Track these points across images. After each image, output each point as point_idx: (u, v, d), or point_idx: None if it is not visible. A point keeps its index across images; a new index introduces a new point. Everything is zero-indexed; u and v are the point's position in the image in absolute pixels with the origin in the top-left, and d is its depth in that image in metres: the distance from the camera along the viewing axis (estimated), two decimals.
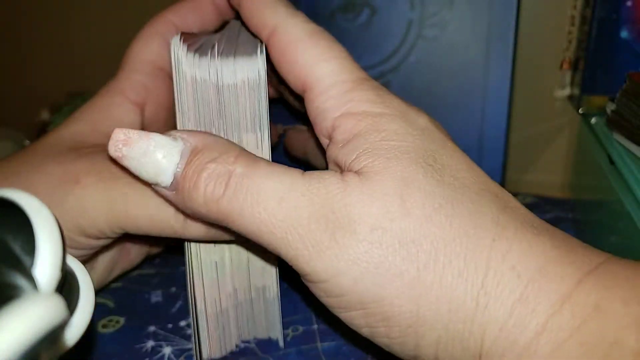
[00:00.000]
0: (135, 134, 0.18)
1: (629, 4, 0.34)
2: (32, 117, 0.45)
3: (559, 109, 0.41)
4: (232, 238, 0.21)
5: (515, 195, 0.19)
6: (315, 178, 0.17)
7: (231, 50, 0.21)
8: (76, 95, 0.45)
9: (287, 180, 0.17)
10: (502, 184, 0.33)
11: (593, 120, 0.35)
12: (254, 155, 0.18)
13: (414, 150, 0.17)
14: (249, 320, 0.24)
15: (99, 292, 0.28)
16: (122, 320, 0.27)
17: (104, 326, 0.27)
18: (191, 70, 0.20)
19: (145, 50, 0.25)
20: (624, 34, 0.34)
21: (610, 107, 0.32)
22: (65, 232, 0.18)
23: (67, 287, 0.14)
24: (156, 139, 0.18)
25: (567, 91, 0.40)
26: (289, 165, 0.18)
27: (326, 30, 0.20)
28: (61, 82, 0.50)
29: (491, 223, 0.16)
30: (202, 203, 0.18)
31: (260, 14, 0.20)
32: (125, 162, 0.18)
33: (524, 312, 0.15)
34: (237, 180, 0.17)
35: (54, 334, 0.10)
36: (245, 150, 0.19)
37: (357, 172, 0.17)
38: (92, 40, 0.49)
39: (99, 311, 0.27)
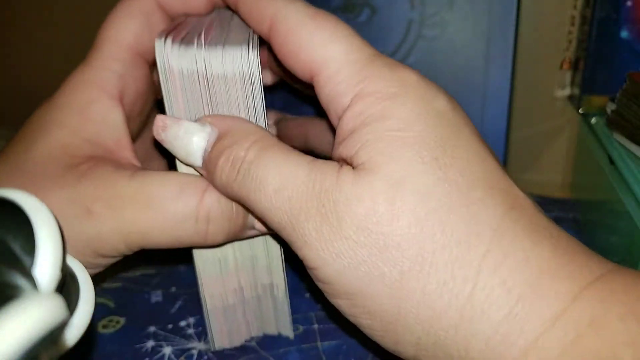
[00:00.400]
0: (170, 120, 0.19)
1: (629, 3, 0.34)
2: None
3: (559, 108, 0.41)
4: (252, 236, 0.22)
5: None
6: (316, 168, 0.17)
7: (221, 38, 0.20)
8: None
9: (288, 169, 0.17)
10: None
11: (593, 120, 0.35)
12: (273, 142, 0.18)
13: (419, 142, 0.16)
14: (258, 317, 0.24)
15: (99, 292, 0.28)
16: (122, 320, 0.27)
17: (104, 326, 0.27)
18: (177, 63, 0.19)
19: (123, 32, 0.22)
20: (624, 33, 0.34)
21: (611, 107, 0.32)
22: (80, 257, 0.18)
23: (67, 287, 0.14)
24: (186, 125, 0.19)
25: (567, 91, 0.40)
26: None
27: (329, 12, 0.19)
28: (60, 81, 0.50)
29: (489, 230, 0.15)
30: (221, 185, 0.19)
31: (257, 5, 0.19)
32: (165, 145, 0.20)
33: (511, 329, 0.14)
34: (246, 167, 0.18)
35: (54, 334, 0.10)
36: (266, 135, 0.19)
37: (354, 167, 0.17)
38: (91, 40, 0.49)
39: (99, 311, 0.27)
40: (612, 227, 0.29)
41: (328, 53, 0.18)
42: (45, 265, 0.12)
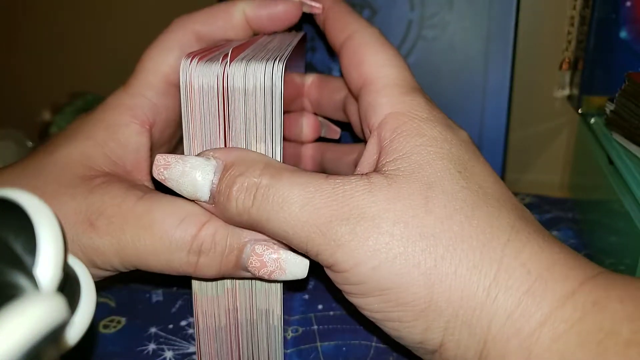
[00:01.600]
0: (172, 158, 0.20)
1: (628, 4, 0.34)
2: (34, 117, 0.45)
3: (559, 109, 0.41)
4: (244, 277, 0.21)
5: (514, 195, 0.20)
6: (340, 180, 0.19)
7: (248, 56, 0.20)
8: (77, 95, 0.45)
9: (311, 186, 0.19)
10: None
11: (592, 120, 0.35)
12: (281, 165, 0.20)
13: (447, 158, 0.19)
14: (250, 342, 0.23)
15: (99, 291, 0.28)
16: (123, 320, 0.27)
17: (105, 327, 0.27)
18: (199, 79, 0.19)
19: (160, 63, 0.24)
20: (623, 34, 0.34)
21: (610, 107, 0.32)
22: None
23: (68, 286, 0.14)
24: (191, 161, 0.20)
25: (566, 91, 0.40)
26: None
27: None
28: (62, 82, 0.50)
29: (507, 226, 0.18)
30: (236, 214, 0.19)
31: (345, 19, 0.24)
32: (168, 183, 0.20)
33: (530, 303, 0.16)
34: (263, 191, 0.19)
35: (55, 334, 0.10)
36: (272, 161, 0.20)
37: (384, 175, 0.19)
38: (93, 40, 0.49)
39: (100, 311, 0.28)
40: (610, 226, 0.29)
41: (383, 72, 0.21)
42: (47, 265, 0.12)
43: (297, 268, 0.20)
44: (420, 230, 0.18)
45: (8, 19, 0.50)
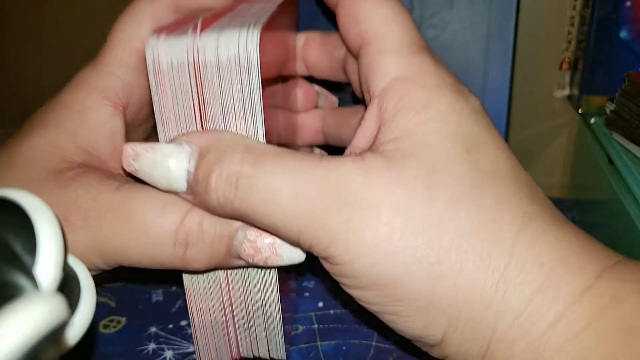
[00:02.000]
0: (141, 148, 0.18)
1: (628, 4, 0.34)
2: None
3: (559, 109, 0.41)
4: (238, 266, 0.20)
5: None
6: (332, 163, 0.17)
7: (221, 26, 0.18)
8: None
9: (300, 172, 0.17)
10: None
11: (592, 120, 0.35)
12: (263, 147, 0.18)
13: (454, 135, 0.17)
14: (248, 335, 0.22)
15: (99, 291, 0.28)
16: (123, 320, 0.27)
17: (105, 327, 0.27)
18: (167, 56, 0.17)
19: (132, 37, 0.21)
20: (623, 34, 0.34)
21: (610, 107, 0.32)
22: None
23: (68, 286, 0.14)
24: (162, 149, 0.18)
25: (566, 91, 0.40)
26: None
27: None
28: (63, 83, 0.50)
29: (520, 212, 0.16)
30: (218, 205, 0.17)
31: None
32: (140, 176, 0.18)
33: (542, 301, 0.15)
34: (245, 181, 0.17)
35: (55, 334, 0.10)
36: (253, 143, 0.18)
37: (381, 154, 0.17)
38: (91, 39, 0.49)
39: (100, 310, 0.28)
40: (611, 226, 0.29)
41: (385, 29, 0.19)
42: (47, 265, 0.12)
43: (294, 252, 0.19)
44: (424, 221, 0.16)
45: (4, 17, 0.50)
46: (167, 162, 0.18)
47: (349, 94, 0.28)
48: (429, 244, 0.16)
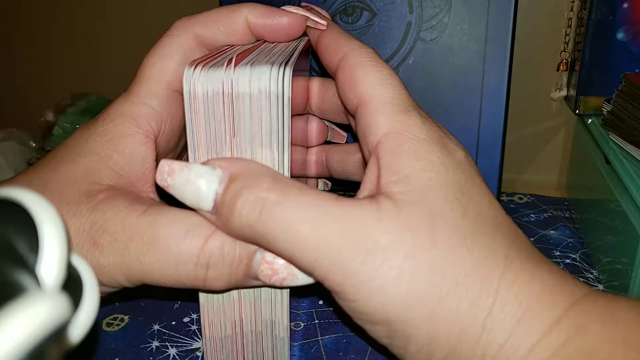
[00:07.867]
0: (177, 165, 0.19)
1: (625, 5, 0.34)
2: (37, 118, 0.45)
3: (556, 109, 0.41)
4: (254, 285, 0.21)
5: (512, 194, 0.19)
6: (350, 204, 0.18)
7: (253, 61, 0.20)
8: (80, 96, 0.45)
9: (321, 208, 0.18)
10: (499, 183, 0.34)
11: (589, 120, 0.36)
12: (288, 181, 0.19)
13: (445, 185, 0.19)
14: (255, 354, 0.23)
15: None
16: (126, 318, 0.27)
17: (109, 324, 0.27)
18: (203, 86, 0.19)
19: (162, 70, 0.23)
20: (620, 35, 0.35)
21: (606, 107, 0.33)
22: None
23: (71, 285, 0.15)
24: (196, 169, 0.19)
25: (563, 92, 0.40)
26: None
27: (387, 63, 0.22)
28: (65, 83, 0.51)
29: (502, 256, 0.18)
30: (239, 227, 0.19)
31: (338, 41, 0.23)
32: (170, 191, 0.19)
33: (520, 333, 0.17)
34: (270, 208, 0.18)
35: (59, 332, 0.10)
36: (279, 176, 0.19)
37: (390, 198, 0.18)
38: (95, 41, 0.49)
39: (103, 308, 0.28)
40: (607, 226, 0.29)
41: (377, 91, 0.21)
42: (50, 264, 0.12)
43: None
44: (428, 265, 0.17)
45: (10, 20, 0.50)
46: (199, 182, 0.19)
47: (350, 134, 0.30)
48: (433, 287, 0.17)
